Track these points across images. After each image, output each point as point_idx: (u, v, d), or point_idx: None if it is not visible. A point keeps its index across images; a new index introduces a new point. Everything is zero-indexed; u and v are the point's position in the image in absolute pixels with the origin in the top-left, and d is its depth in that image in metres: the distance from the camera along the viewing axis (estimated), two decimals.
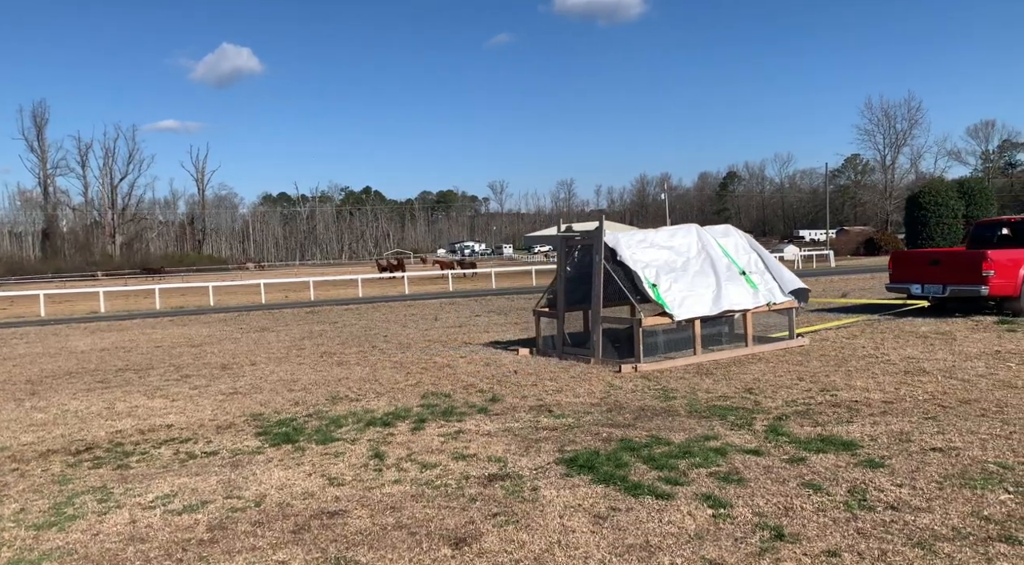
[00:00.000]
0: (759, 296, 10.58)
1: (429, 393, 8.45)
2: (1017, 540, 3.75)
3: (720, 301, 10.10)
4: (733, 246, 11.18)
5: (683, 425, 6.46)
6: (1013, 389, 7.25)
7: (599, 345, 10.21)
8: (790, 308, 10.97)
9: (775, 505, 4.41)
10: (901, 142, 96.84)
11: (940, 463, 5.05)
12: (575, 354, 10.61)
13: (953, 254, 13.96)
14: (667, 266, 10.19)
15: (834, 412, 6.68)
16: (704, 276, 10.31)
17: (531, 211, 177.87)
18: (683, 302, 9.79)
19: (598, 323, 10.31)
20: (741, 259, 11.00)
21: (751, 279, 10.72)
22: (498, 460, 5.64)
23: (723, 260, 10.73)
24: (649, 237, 10.67)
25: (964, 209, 46.83)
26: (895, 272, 14.58)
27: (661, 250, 10.46)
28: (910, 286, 13.91)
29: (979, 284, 12.58)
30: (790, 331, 11.12)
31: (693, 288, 10.04)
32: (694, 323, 9.91)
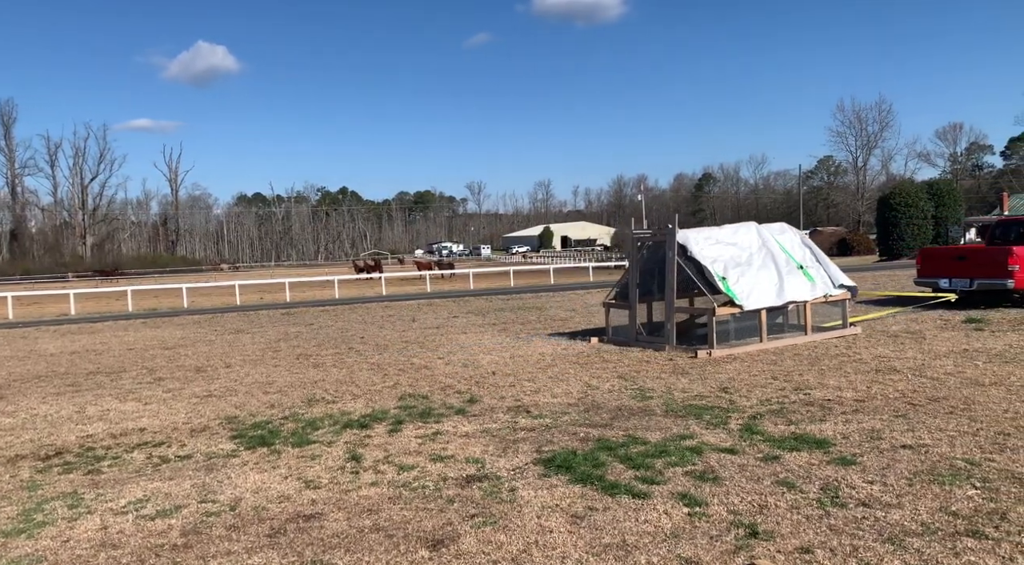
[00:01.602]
0: (816, 288, 11.40)
1: (406, 395, 8.43)
2: (984, 534, 3.83)
3: (783, 293, 10.93)
4: (789, 242, 11.99)
5: (659, 424, 6.51)
6: (980, 387, 7.41)
7: (672, 333, 11.00)
8: (843, 299, 11.74)
9: (750, 503, 4.47)
10: (872, 144, 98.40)
11: (910, 460, 5.15)
12: (648, 343, 11.39)
13: (980, 250, 14.73)
14: (733, 261, 11.00)
15: (807, 411, 6.77)
16: (767, 270, 11.12)
17: (509, 212, 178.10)
18: (750, 294, 10.60)
19: (672, 313, 11.08)
20: (797, 254, 11.81)
21: (808, 273, 11.55)
22: (476, 461, 5.64)
23: (782, 255, 11.55)
24: (715, 235, 11.51)
25: (933, 210, 47.71)
26: (923, 267, 15.38)
27: (727, 246, 11.28)
28: (938, 280, 14.73)
29: (1006, 278, 13.40)
30: (844, 321, 11.87)
31: (758, 281, 10.83)
32: (760, 313, 10.72)
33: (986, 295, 14.36)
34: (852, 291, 12.00)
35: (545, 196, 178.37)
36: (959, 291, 14.56)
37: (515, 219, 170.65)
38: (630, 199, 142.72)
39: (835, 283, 11.77)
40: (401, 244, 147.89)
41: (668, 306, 11.19)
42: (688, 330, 11.57)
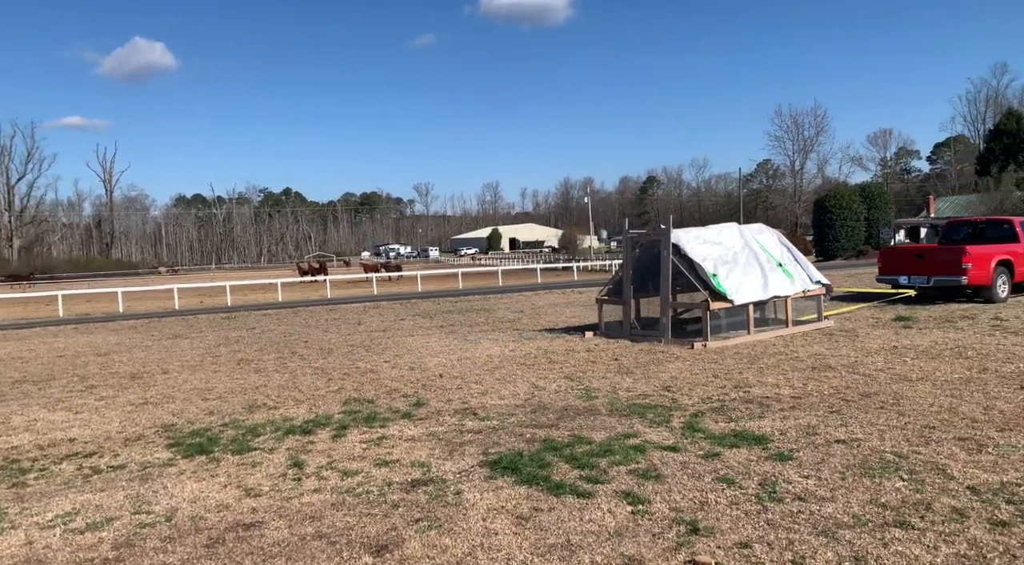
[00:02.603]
0: (795, 284, 12.33)
1: (351, 399, 8.31)
2: (911, 525, 3.99)
3: (768, 288, 11.81)
4: (768, 242, 12.92)
5: (604, 424, 6.58)
6: (908, 382, 7.73)
7: (668, 327, 11.63)
8: (819, 294, 12.78)
9: (691, 500, 4.55)
10: (808, 148, 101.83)
11: (843, 454, 5.33)
12: (644, 336, 11.96)
13: (937, 249, 15.74)
14: (721, 259, 11.76)
15: (747, 408, 6.94)
16: (751, 267, 11.93)
17: (457, 213, 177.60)
18: (739, 289, 11.36)
19: (667, 308, 11.75)
20: (776, 253, 12.72)
21: (787, 270, 12.47)
22: (421, 465, 5.60)
23: (763, 254, 12.42)
24: (702, 234, 12.33)
25: (866, 212, 49.61)
26: (885, 266, 16.48)
27: (714, 245, 12.06)
28: (898, 277, 15.83)
29: (960, 275, 14.47)
30: (819, 314, 12.83)
31: (745, 277, 11.63)
32: (748, 307, 11.48)
33: (942, 290, 15.37)
34: (827, 288, 12.99)
35: (493, 198, 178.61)
36: (917, 287, 15.57)
37: (463, 221, 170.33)
38: (577, 201, 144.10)
39: (812, 279, 12.75)
40: (347, 246, 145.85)
41: (663, 301, 11.83)
42: (678, 324, 12.16)
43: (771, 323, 12.58)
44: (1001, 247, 15.33)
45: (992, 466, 4.90)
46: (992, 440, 5.48)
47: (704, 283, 11.39)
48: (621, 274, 12.85)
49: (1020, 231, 15.92)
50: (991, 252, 14.97)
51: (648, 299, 12.68)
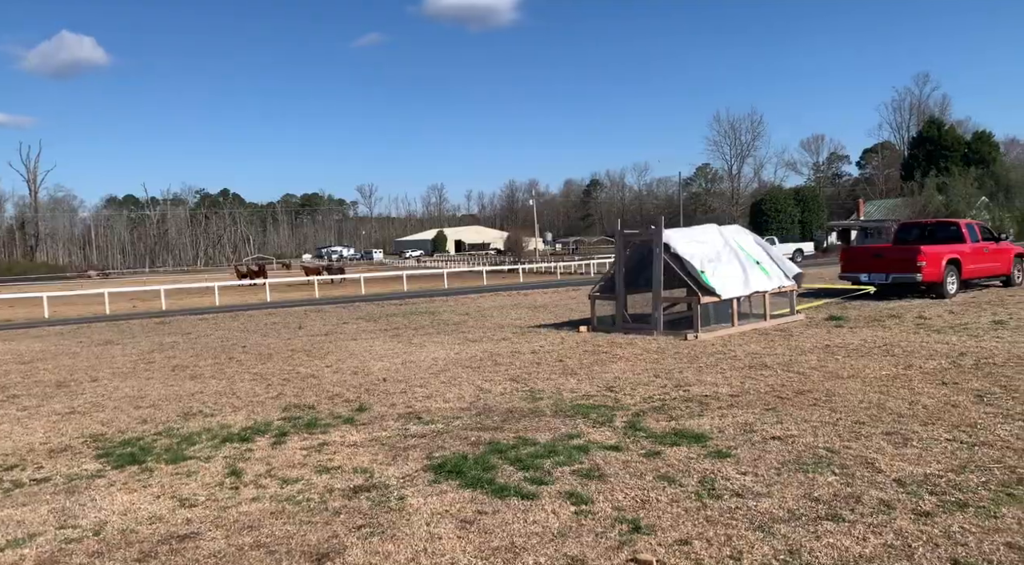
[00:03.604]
0: (772, 281, 13.35)
1: (291, 405, 8.13)
2: (842, 518, 4.14)
3: (749, 284, 12.80)
4: (744, 241, 13.91)
5: (549, 425, 6.61)
6: (840, 380, 8.02)
7: (660, 320, 12.45)
8: (792, 291, 13.86)
9: (633, 499, 4.62)
10: (745, 153, 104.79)
11: (779, 451, 5.49)
12: (636, 329, 12.73)
13: (894, 249, 16.97)
14: (707, 256, 12.64)
15: (687, 406, 7.08)
16: (733, 265, 12.89)
17: (402, 215, 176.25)
18: (725, 285, 12.32)
19: (659, 303, 12.59)
20: (754, 252, 13.70)
21: (764, 267, 13.47)
22: (364, 471, 5.52)
23: (742, 253, 13.34)
24: (688, 234, 13.31)
25: (800, 215, 51.34)
26: (846, 264, 17.65)
27: (700, 244, 12.95)
28: (859, 275, 16.97)
29: (915, 273, 15.64)
30: (792, 308, 13.86)
31: (728, 274, 12.58)
32: (733, 301, 12.54)
33: (898, 287, 16.47)
34: (799, 280, 14.04)
35: (439, 200, 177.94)
36: (876, 284, 16.70)
37: (408, 223, 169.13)
38: (522, 203, 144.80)
39: (788, 275, 13.79)
40: (288, 248, 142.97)
41: (655, 296, 12.63)
42: (668, 318, 12.94)
43: (751, 317, 13.43)
44: (950, 247, 16.50)
45: (917, 459, 5.12)
46: (916, 434, 5.73)
47: (693, 279, 12.24)
48: (613, 272, 13.72)
49: (966, 232, 17.19)
50: (942, 251, 16.06)
51: (637, 295, 13.45)
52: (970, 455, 5.15)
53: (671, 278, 12.60)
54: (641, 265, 13.30)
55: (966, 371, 8.08)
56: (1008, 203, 56.61)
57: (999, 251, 18.00)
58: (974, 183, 57.86)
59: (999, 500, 4.28)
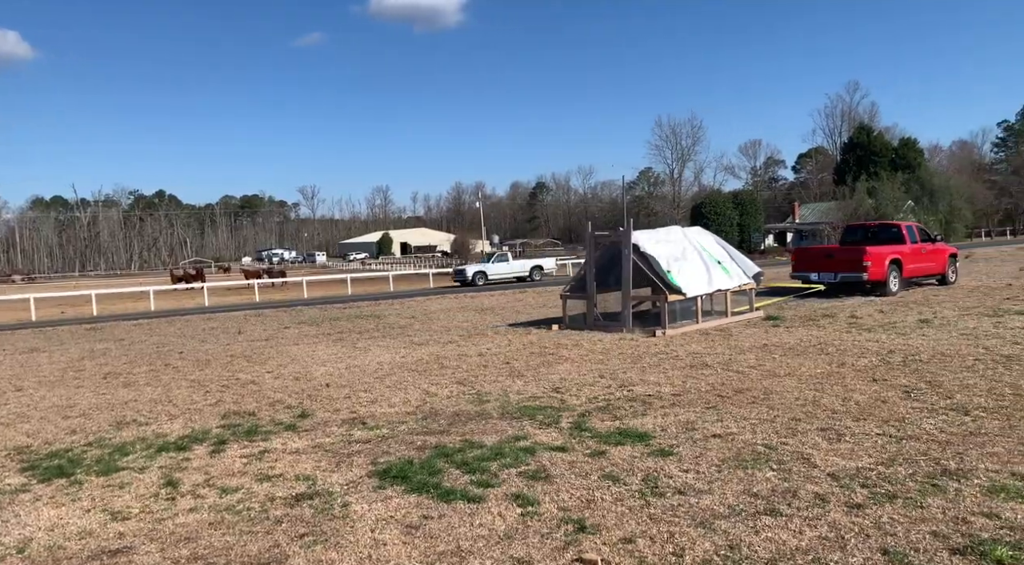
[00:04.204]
0: (733, 279, 14.06)
1: (231, 412, 7.92)
2: (779, 512, 4.26)
3: (712, 283, 13.47)
4: (707, 242, 14.64)
5: (496, 427, 6.61)
6: (777, 378, 8.26)
7: (629, 318, 12.98)
8: (751, 289, 14.61)
9: (578, 499, 4.65)
10: (686, 157, 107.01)
11: (719, 448, 5.62)
12: (605, 326, 13.21)
13: (842, 249, 17.82)
14: (673, 256, 13.28)
15: (631, 406, 7.18)
16: (697, 265, 13.55)
17: (346, 217, 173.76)
18: (689, 283, 12.96)
19: (628, 301, 13.12)
20: (715, 252, 14.44)
21: (725, 267, 14.18)
22: (307, 478, 5.41)
23: (704, 252, 14.05)
24: (654, 235, 13.94)
25: (739, 218, 52.73)
26: (797, 264, 18.63)
27: (666, 245, 13.58)
28: (809, 274, 17.93)
29: (862, 272, 16.52)
30: (751, 305, 14.55)
31: (693, 273, 13.23)
32: (697, 299, 13.15)
33: (846, 286, 17.34)
34: (758, 279, 14.82)
35: (384, 202, 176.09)
36: (826, 282, 17.60)
37: (352, 225, 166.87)
38: (469, 206, 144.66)
39: (748, 274, 14.52)
40: (227, 251, 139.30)
41: (624, 295, 13.19)
42: (636, 315, 13.44)
43: (714, 314, 14.06)
44: (892, 248, 17.47)
45: (849, 453, 5.31)
46: (849, 429, 5.95)
47: (660, 278, 12.90)
48: (584, 272, 14.18)
49: (906, 234, 18.26)
50: (885, 252, 17.02)
51: (606, 294, 14.04)
52: (898, 448, 5.37)
53: (639, 277, 13.15)
54: (610, 265, 13.82)
55: (895, 368, 8.43)
56: (932, 206, 59.39)
57: (935, 251, 18.92)
58: (901, 187, 60.47)
59: (925, 491, 4.48)
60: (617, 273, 13.49)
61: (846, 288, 17.46)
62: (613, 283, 13.75)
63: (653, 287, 13.27)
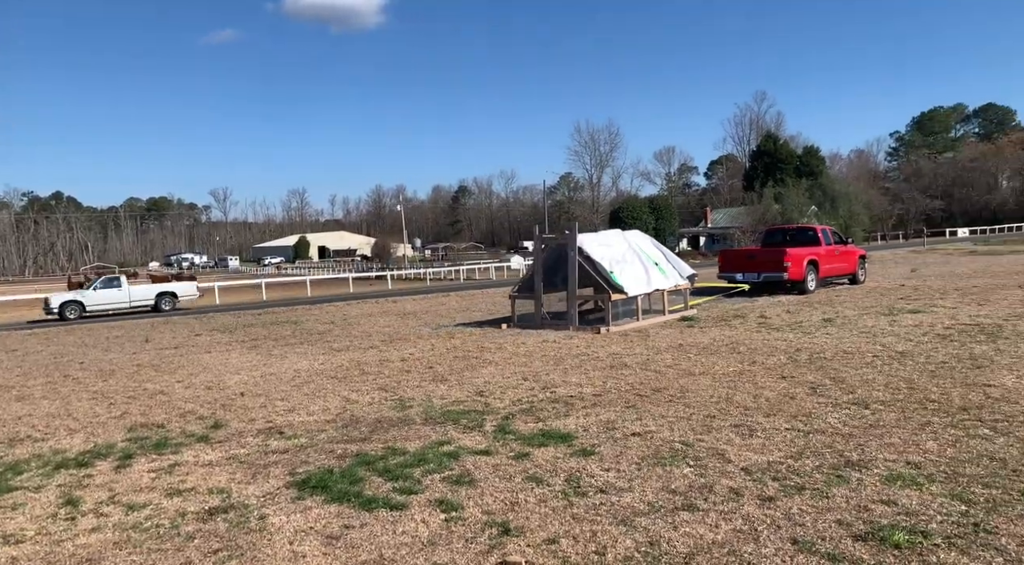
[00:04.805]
0: (669, 280, 15.00)
1: (138, 425, 7.52)
2: (696, 507, 4.39)
3: (651, 283, 14.32)
4: (645, 245, 15.53)
5: (419, 433, 6.54)
6: (692, 377, 8.52)
7: (575, 316, 13.69)
8: (686, 289, 15.58)
9: (502, 502, 4.66)
10: (604, 163, 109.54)
11: (639, 446, 5.74)
12: (553, 325, 13.86)
13: (765, 251, 18.99)
14: (615, 258, 14.03)
15: (553, 408, 7.26)
16: (636, 266, 14.37)
17: (260, 220, 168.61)
18: (631, 284, 13.75)
19: (574, 300, 13.81)
20: (653, 254, 15.35)
21: (662, 268, 15.12)
22: (220, 491, 5.20)
23: (643, 254, 14.89)
24: (597, 238, 14.78)
25: (654, 222, 54.26)
26: (724, 265, 19.65)
27: (608, 247, 14.29)
28: (735, 274, 19.07)
29: (782, 272, 17.72)
30: (685, 304, 15.52)
31: (634, 274, 14.06)
32: (637, 298, 13.97)
33: (768, 285, 18.48)
34: (691, 279, 15.74)
35: (300, 205, 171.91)
36: (750, 282, 18.71)
37: (267, 228, 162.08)
38: (390, 209, 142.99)
39: (683, 275, 15.45)
40: (132, 256, 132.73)
41: (571, 294, 13.85)
42: (581, 314, 14.17)
43: (652, 312, 14.77)
44: (809, 249, 18.77)
45: (761, 448, 5.54)
46: (760, 425, 6.20)
47: (604, 279, 13.59)
48: (532, 273, 14.81)
49: (821, 236, 19.69)
50: (803, 253, 18.28)
51: (553, 294, 14.62)
52: (806, 442, 5.63)
53: (584, 278, 13.81)
54: (556, 266, 14.45)
55: (801, 365, 8.85)
56: (833, 211, 62.80)
57: (847, 253, 20.43)
58: (805, 193, 63.68)
59: (830, 482, 4.71)
60: (563, 274, 14.13)
61: (768, 287, 18.54)
62: (560, 283, 14.33)
63: (596, 287, 13.92)
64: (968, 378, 7.55)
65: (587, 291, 14.35)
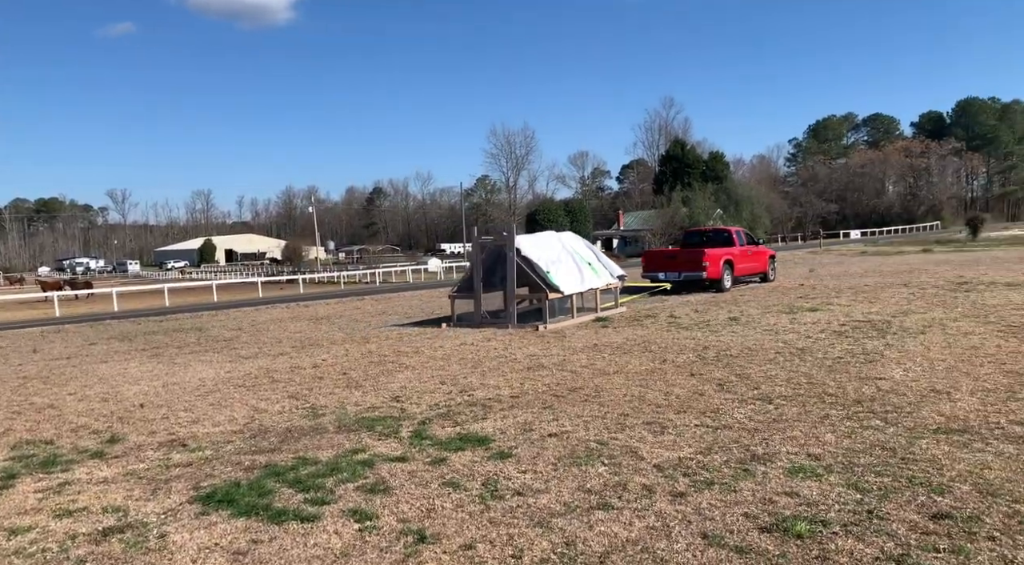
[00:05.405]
0: (601, 279, 15.68)
1: (23, 442, 6.98)
2: (611, 506, 4.45)
3: (584, 282, 14.98)
4: (578, 246, 16.14)
5: (332, 442, 6.36)
6: (606, 376, 8.67)
7: (514, 315, 14.16)
8: (616, 288, 16.27)
9: (418, 509, 4.58)
10: (521, 166, 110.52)
11: (555, 447, 5.78)
12: (492, 323, 14.27)
13: (685, 251, 20.07)
14: (550, 259, 14.60)
15: (471, 411, 7.22)
16: (570, 265, 14.96)
17: (162, 223, 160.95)
18: (566, 283, 14.38)
19: (513, 299, 14.32)
20: (585, 254, 16.00)
21: (594, 268, 15.75)
22: (116, 510, 4.88)
23: (576, 255, 15.49)
24: (534, 240, 15.48)
25: (570, 225, 55.11)
26: (647, 264, 20.58)
27: (543, 249, 14.83)
28: (658, 274, 20.00)
29: (701, 271, 18.77)
30: (615, 302, 16.22)
31: (568, 273, 14.65)
32: (572, 297, 14.60)
33: (689, 284, 19.54)
34: (621, 278, 16.49)
35: (206, 206, 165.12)
36: (672, 281, 19.72)
37: (170, 231, 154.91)
38: (301, 211, 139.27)
39: (614, 274, 16.15)
40: (19, 261, 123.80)
41: (509, 294, 14.34)
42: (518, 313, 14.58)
43: (585, 309, 15.33)
44: (725, 250, 19.94)
45: (672, 445, 5.68)
46: (671, 422, 6.36)
47: (541, 278, 14.15)
48: (471, 273, 15.15)
49: (736, 238, 20.95)
50: (720, 254, 19.42)
51: (491, 294, 14.97)
52: (714, 438, 5.82)
53: (521, 278, 14.33)
54: (494, 267, 14.89)
55: (709, 363, 9.16)
56: (737, 214, 65.63)
57: (758, 253, 21.83)
58: (711, 197, 66.26)
59: (738, 476, 4.88)
60: (501, 274, 14.60)
61: (688, 285, 19.48)
62: (498, 283, 14.78)
63: (533, 287, 14.50)
64: (861, 372, 8.02)
65: (523, 291, 14.84)
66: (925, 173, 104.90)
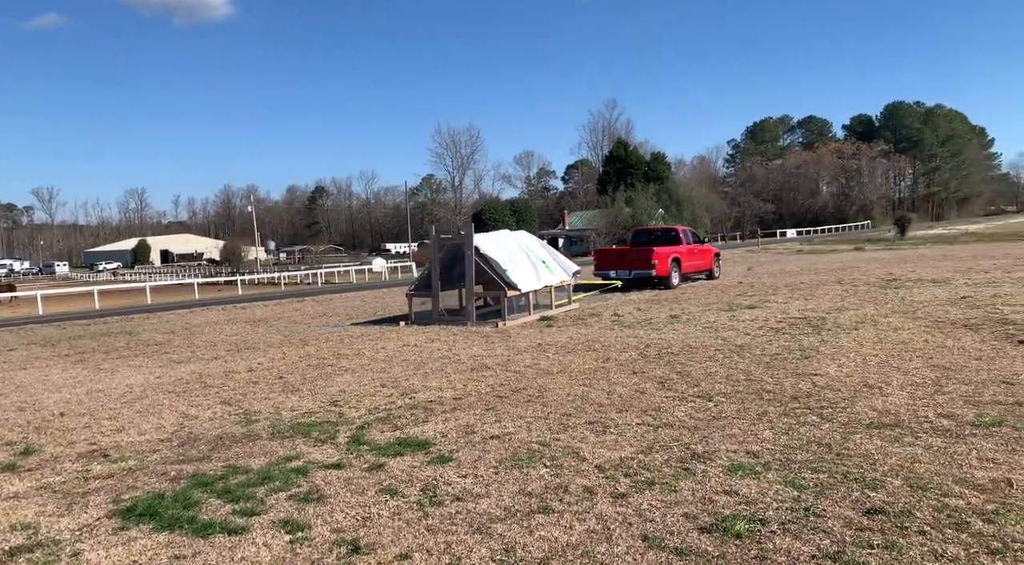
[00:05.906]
0: (555, 276, 16.02)
1: None
2: (552, 509, 4.37)
3: (540, 280, 15.35)
4: (532, 244, 16.55)
5: (265, 449, 6.11)
6: (550, 376, 8.62)
7: (473, 312, 14.31)
8: (570, 285, 16.75)
9: (353, 517, 4.41)
10: (466, 165, 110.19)
11: (497, 449, 5.68)
12: (451, 321, 14.33)
13: (634, 250, 20.55)
14: (507, 257, 14.82)
15: (412, 414, 7.05)
16: (526, 264, 15.28)
17: (93, 223, 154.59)
18: (523, 280, 14.66)
19: (471, 297, 14.56)
20: (540, 253, 16.37)
21: (549, 266, 16.11)
22: (26, 527, 4.56)
23: (531, 253, 15.86)
24: (491, 238, 15.61)
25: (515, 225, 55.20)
26: (599, 263, 21.00)
27: (501, 248, 15.05)
28: (609, 272, 20.39)
29: (650, 269, 19.39)
30: (569, 299, 16.81)
31: (525, 271, 14.96)
32: (529, 294, 14.95)
33: (639, 281, 20.05)
34: (575, 275, 16.85)
35: (139, 206, 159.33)
36: (623, 279, 20.17)
37: (101, 231, 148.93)
38: (240, 210, 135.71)
39: (568, 271, 16.49)
40: None
41: (468, 292, 14.59)
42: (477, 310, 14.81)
43: (540, 306, 15.70)
44: (673, 248, 20.63)
45: (614, 444, 5.64)
46: (613, 421, 6.33)
47: (499, 276, 14.35)
48: (429, 271, 15.10)
49: (683, 236, 21.65)
50: (668, 252, 20.10)
51: (449, 291, 15.19)
52: (655, 436, 5.81)
53: (479, 276, 14.50)
54: (452, 265, 15.03)
55: (651, 361, 9.20)
56: (678, 214, 66.89)
57: (704, 251, 22.48)
58: (653, 197, 67.32)
59: (678, 475, 4.87)
60: (459, 271, 14.80)
61: (638, 283, 20.03)
62: (456, 281, 15.01)
63: (489, 284, 14.76)
64: (798, 368, 8.17)
65: (478, 289, 15.05)
66: (856, 174, 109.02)
